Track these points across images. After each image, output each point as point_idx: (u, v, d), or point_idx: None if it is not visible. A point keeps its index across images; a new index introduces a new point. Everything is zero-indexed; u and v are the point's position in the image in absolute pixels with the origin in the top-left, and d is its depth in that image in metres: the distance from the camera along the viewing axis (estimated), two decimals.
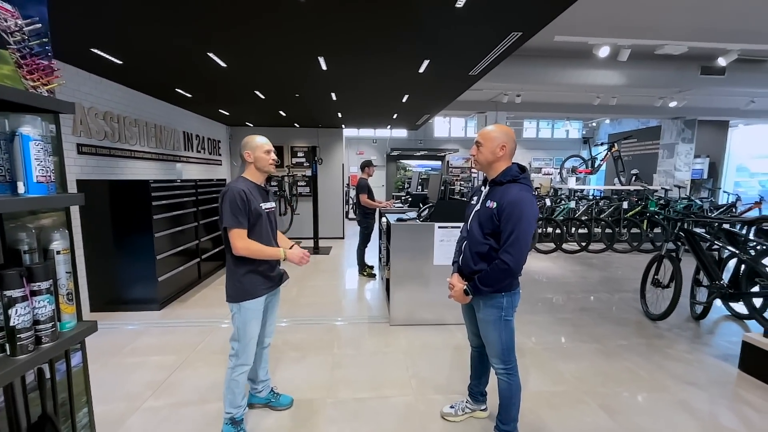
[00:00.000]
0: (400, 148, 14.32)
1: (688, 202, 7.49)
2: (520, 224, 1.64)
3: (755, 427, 2.11)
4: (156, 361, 2.80)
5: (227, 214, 1.81)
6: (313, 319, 3.62)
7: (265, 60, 3.41)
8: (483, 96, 7.23)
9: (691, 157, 9.19)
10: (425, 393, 2.43)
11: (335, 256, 6.47)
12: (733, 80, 5.27)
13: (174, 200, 4.11)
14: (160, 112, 5.11)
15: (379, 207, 4.93)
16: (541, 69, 4.89)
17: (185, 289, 4.37)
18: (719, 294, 3.26)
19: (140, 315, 3.70)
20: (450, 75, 3.87)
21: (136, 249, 3.73)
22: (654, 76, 5.11)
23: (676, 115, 8.67)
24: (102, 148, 3.99)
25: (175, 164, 5.47)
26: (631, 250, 6.84)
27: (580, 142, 14.90)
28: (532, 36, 2.79)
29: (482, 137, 1.79)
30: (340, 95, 4.83)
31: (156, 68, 3.70)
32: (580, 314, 3.80)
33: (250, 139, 1.94)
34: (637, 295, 4.06)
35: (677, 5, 3.61)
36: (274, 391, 2.29)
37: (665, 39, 4.08)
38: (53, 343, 1.10)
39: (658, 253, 3.74)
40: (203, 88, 4.51)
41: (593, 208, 6.97)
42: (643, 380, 2.59)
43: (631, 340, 3.20)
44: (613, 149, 8.39)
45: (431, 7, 2.35)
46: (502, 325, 1.80)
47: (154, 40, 2.92)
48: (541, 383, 2.52)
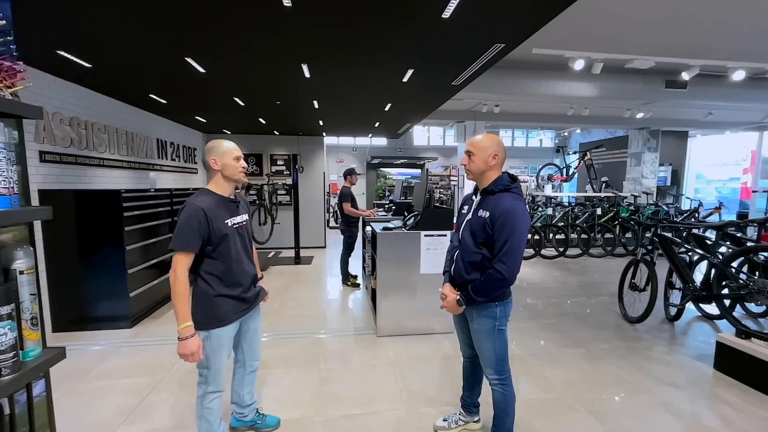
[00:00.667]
0: (380, 156, 14.36)
1: (656, 207, 7.86)
2: (514, 234, 1.64)
3: (735, 426, 2.18)
4: (127, 384, 2.61)
5: (176, 235, 1.59)
6: (297, 333, 3.50)
7: (246, 66, 3.33)
8: (463, 105, 7.37)
9: (657, 165, 9.71)
10: (417, 406, 2.37)
11: (317, 265, 6.34)
12: (694, 94, 5.62)
13: (147, 210, 3.90)
14: (132, 118, 4.88)
15: (363, 215, 4.88)
16: (519, 80, 5.04)
17: (159, 305, 4.14)
18: (692, 296, 3.40)
19: (109, 334, 3.46)
20: (433, 85, 3.91)
21: (106, 263, 3.49)
22: (623, 88, 5.38)
23: (642, 125, 9.16)
24: (67, 155, 3.75)
25: (149, 173, 5.22)
26: (605, 254, 7.09)
27: (553, 150, 15.46)
28: (515, 48, 2.85)
29: (473, 147, 1.79)
30: (323, 103, 4.78)
31: (129, 73, 3.53)
32: (563, 319, 3.87)
33: (217, 144, 1.72)
34: (614, 299, 4.19)
35: (646, 23, 3.83)
36: (260, 412, 2.16)
37: (634, 54, 4.32)
38: (15, 375, 0.98)
39: (634, 258, 3.87)
40: (179, 95, 4.34)
41: (569, 215, 7.19)
42: (627, 383, 2.65)
43: (613, 344, 3.28)
44: (585, 158, 8.74)
45: (418, 17, 2.36)
46: (496, 335, 1.78)
47: (128, 43, 2.79)
48: (531, 391, 2.52)
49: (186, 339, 1.59)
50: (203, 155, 1.76)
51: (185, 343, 1.59)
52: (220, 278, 1.72)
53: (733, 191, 12.23)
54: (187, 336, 1.59)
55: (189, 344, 1.59)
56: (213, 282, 1.71)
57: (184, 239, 1.60)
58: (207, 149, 1.74)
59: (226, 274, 1.73)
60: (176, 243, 1.60)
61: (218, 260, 1.71)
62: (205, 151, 1.75)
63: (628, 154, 10.04)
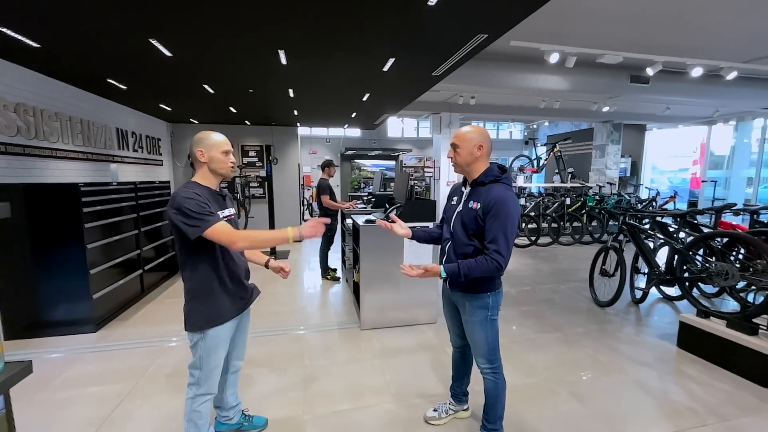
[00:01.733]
0: (354, 147, 14.19)
1: (619, 197, 8.32)
2: (507, 223, 1.64)
3: (700, 398, 2.36)
4: (96, 393, 2.43)
5: (190, 221, 1.47)
6: (279, 330, 3.40)
7: (218, 51, 3.12)
8: (439, 97, 7.39)
9: (619, 157, 10.25)
10: (406, 398, 2.38)
11: (294, 260, 6.19)
12: (656, 89, 5.94)
13: (110, 206, 3.62)
14: (87, 105, 4.48)
15: (342, 208, 4.80)
16: (497, 72, 5.10)
17: (126, 306, 3.88)
18: (658, 280, 3.62)
19: (71, 339, 3.20)
20: (414, 75, 3.86)
21: (65, 263, 3.21)
22: (593, 82, 5.59)
23: (606, 119, 9.61)
24: (14, 146, 3.39)
25: (109, 165, 4.84)
26: (574, 242, 7.43)
27: (522, 142, 15.93)
28: (497, 39, 2.86)
29: (458, 139, 1.77)
30: (299, 92, 4.61)
31: (84, 55, 3.21)
32: (539, 306, 4.02)
33: (205, 136, 1.64)
34: (585, 285, 4.39)
35: (616, 19, 3.97)
36: (246, 414, 2.08)
37: (605, 49, 4.48)
38: None
39: (604, 245, 4.07)
40: (142, 80, 4.03)
41: (540, 205, 7.45)
42: (603, 364, 2.79)
43: (587, 327, 3.44)
44: (555, 149, 9.07)
45: (404, 3, 2.30)
46: (489, 325, 1.79)
47: (84, 21, 2.52)
48: (515, 377, 2.60)
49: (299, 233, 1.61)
50: (190, 146, 1.66)
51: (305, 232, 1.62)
52: (216, 272, 1.64)
53: (683, 181, 13.18)
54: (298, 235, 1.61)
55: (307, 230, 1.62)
56: (209, 276, 1.63)
57: (202, 216, 1.49)
58: (195, 140, 1.65)
59: (222, 268, 1.66)
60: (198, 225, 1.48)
61: (214, 253, 1.63)
62: (193, 141, 1.65)
63: (593, 146, 10.53)
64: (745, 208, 4.07)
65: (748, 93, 6.54)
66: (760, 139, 10.06)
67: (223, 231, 1.51)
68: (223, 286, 1.67)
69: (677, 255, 3.44)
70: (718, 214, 3.74)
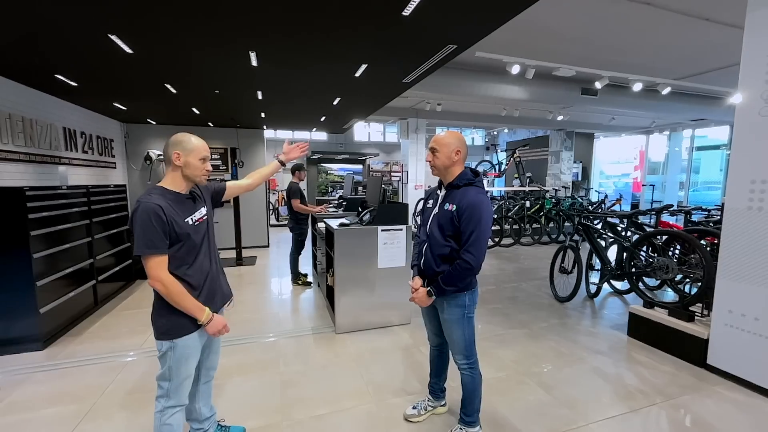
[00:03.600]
0: (320, 151, 14.05)
1: (572, 200, 8.94)
2: (479, 225, 1.74)
3: (648, 381, 2.61)
4: (51, 415, 2.23)
5: (139, 238, 1.44)
6: (251, 338, 3.31)
7: (181, 47, 2.99)
8: (407, 103, 7.56)
9: (572, 163, 11.02)
10: (384, 398, 2.41)
11: (262, 266, 6.03)
12: (603, 101, 6.51)
13: (59, 211, 3.34)
14: (29, 102, 4.10)
15: (313, 212, 4.76)
16: (463, 81, 5.34)
17: (78, 320, 3.58)
18: (610, 275, 3.95)
19: (15, 359, 2.91)
20: (385, 81, 3.94)
21: (7, 275, 2.92)
22: (549, 93, 6.02)
23: (560, 127, 10.33)
24: None
25: (57, 167, 4.46)
26: (533, 243, 7.87)
27: (484, 148, 16.63)
28: (465, 50, 3.01)
29: (437, 144, 1.86)
30: (268, 94, 4.53)
31: (30, 48, 2.96)
32: (506, 303, 4.23)
33: (184, 139, 1.58)
34: (546, 282, 4.69)
35: (569, 37, 4.33)
36: (222, 425, 2.01)
37: (560, 63, 4.86)
38: None
39: (563, 245, 4.37)
40: (96, 77, 3.76)
41: (502, 208, 7.83)
42: (565, 355, 3.00)
43: (550, 322, 3.67)
44: (515, 155, 9.58)
45: (379, 12, 2.36)
46: (465, 323, 1.89)
47: (36, 12, 2.33)
48: (487, 372, 2.69)
49: (209, 323, 1.60)
50: (165, 147, 1.58)
51: (211, 325, 1.61)
52: (186, 281, 1.56)
53: (626, 185, 14.43)
54: (209, 320, 1.60)
55: (215, 323, 1.62)
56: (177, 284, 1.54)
57: (148, 240, 1.44)
58: (172, 142, 1.57)
59: (192, 276, 1.58)
60: (141, 247, 1.44)
61: (183, 261, 1.56)
62: (169, 143, 1.57)
63: (549, 152, 11.24)
64: (680, 209, 4.56)
65: (679, 107, 7.35)
66: (689, 148, 11.27)
67: (154, 264, 1.46)
68: (193, 290, 1.59)
69: (626, 252, 3.78)
70: (659, 214, 4.16)
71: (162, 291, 1.48)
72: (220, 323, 1.63)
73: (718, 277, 2.66)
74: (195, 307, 1.55)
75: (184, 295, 1.52)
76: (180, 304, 1.52)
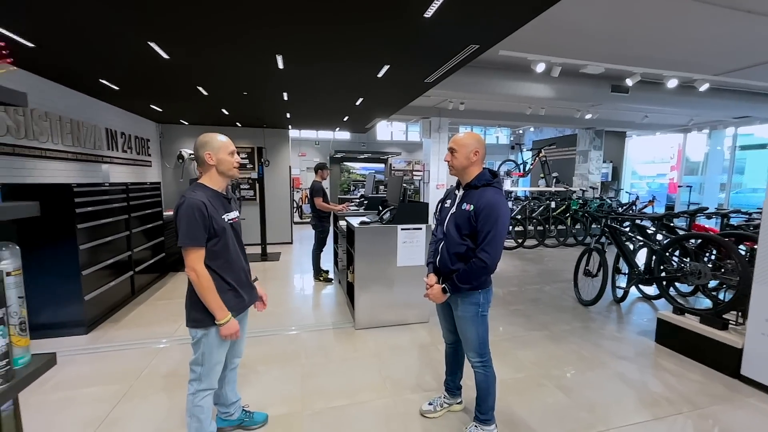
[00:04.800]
0: (343, 150, 14.24)
1: (601, 201, 8.63)
2: (497, 225, 1.76)
3: (675, 389, 2.52)
4: (92, 394, 2.43)
5: (183, 231, 1.58)
6: (275, 331, 3.44)
7: (216, 55, 3.16)
8: (429, 102, 7.54)
9: (601, 162, 10.62)
10: (401, 393, 2.46)
11: (285, 261, 6.21)
12: (635, 98, 6.24)
13: (102, 206, 3.60)
14: (76, 104, 4.43)
15: (335, 210, 4.87)
16: (486, 80, 5.28)
17: (117, 307, 3.85)
18: (637, 279, 3.82)
19: (62, 342, 3.17)
20: (407, 81, 3.98)
21: (56, 264, 3.18)
22: (576, 91, 5.83)
23: (589, 125, 9.96)
24: (4, 145, 3.35)
25: (100, 165, 4.79)
26: (558, 244, 7.67)
27: (509, 147, 16.29)
28: (487, 50, 3.00)
29: (456, 144, 1.88)
30: (293, 95, 4.67)
31: (80, 56, 3.21)
32: (527, 305, 4.17)
33: (211, 138, 1.69)
34: (570, 285, 4.58)
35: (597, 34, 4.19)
36: (246, 410, 2.13)
37: (588, 60, 4.71)
38: (7, 384, 0.91)
39: (588, 247, 4.26)
40: (136, 81, 4.02)
41: (526, 208, 7.68)
42: (586, 359, 2.94)
43: (572, 325, 3.60)
44: (540, 155, 9.35)
45: (401, 14, 2.41)
46: (479, 321, 1.91)
47: (84, 23, 2.54)
48: (505, 372, 2.71)
49: (225, 323, 1.66)
50: (196, 149, 1.70)
51: (226, 327, 1.67)
52: (220, 273, 1.69)
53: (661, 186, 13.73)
54: (226, 321, 1.67)
55: (230, 326, 1.68)
56: (213, 277, 1.67)
57: (192, 233, 1.58)
58: (201, 143, 1.69)
59: (226, 269, 1.71)
60: (184, 239, 1.58)
61: (218, 254, 1.68)
62: (198, 145, 1.69)
63: (577, 151, 10.88)
64: (716, 211, 4.33)
65: (719, 104, 6.92)
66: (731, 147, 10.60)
67: (193, 256, 1.59)
68: (227, 285, 1.72)
69: (654, 256, 3.64)
70: (692, 217, 3.97)
71: (194, 281, 1.60)
72: (233, 328, 1.69)
73: (754, 283, 2.53)
74: (217, 306, 1.63)
75: (211, 291, 1.62)
76: (205, 298, 1.62)
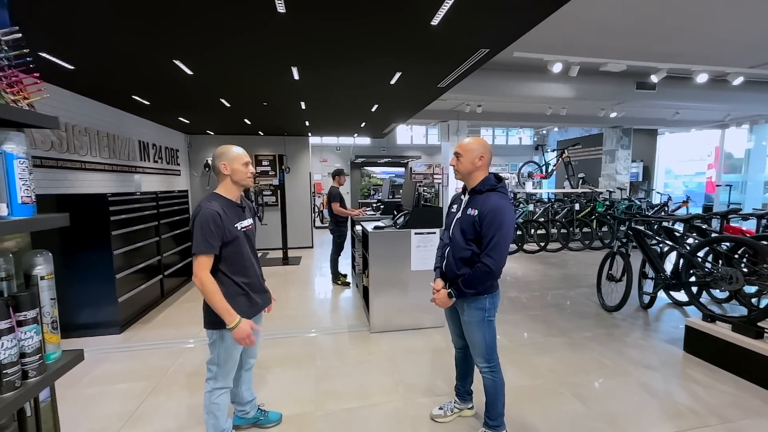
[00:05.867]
0: (363, 155, 14.42)
1: (629, 202, 8.27)
2: (501, 230, 1.76)
3: (703, 401, 2.39)
4: (123, 390, 2.60)
5: (197, 239, 1.65)
6: (291, 332, 3.54)
7: (236, 69, 3.34)
8: (447, 105, 7.53)
9: (629, 162, 10.18)
10: (413, 397, 2.48)
11: (306, 266, 6.36)
12: (662, 95, 5.97)
13: (134, 214, 3.84)
14: (112, 119, 4.77)
15: (352, 215, 4.95)
16: (501, 82, 5.23)
17: (148, 309, 4.09)
18: (664, 285, 3.65)
19: (98, 340, 3.40)
20: (420, 87, 4.01)
21: (93, 268, 3.43)
22: (598, 89, 5.66)
23: (615, 124, 9.60)
24: (48, 159, 3.65)
25: (132, 175, 5.12)
26: (583, 248, 7.41)
27: (532, 148, 15.92)
28: (498, 53, 2.99)
29: (461, 149, 1.90)
30: (310, 104, 4.82)
31: (112, 75, 3.47)
32: (547, 310, 4.07)
33: (226, 150, 1.77)
34: (593, 290, 4.42)
35: (618, 30, 4.06)
36: (262, 409, 2.21)
37: (608, 58, 4.57)
38: (40, 377, 1.02)
39: (611, 251, 4.11)
40: (164, 96, 4.28)
41: (549, 211, 7.48)
42: (608, 367, 2.84)
43: (594, 332, 3.48)
44: (563, 155, 9.09)
45: (407, 24, 2.46)
46: (486, 326, 1.90)
47: (115, 46, 2.76)
48: (520, 378, 2.67)
49: (236, 328, 1.67)
50: (213, 160, 1.81)
51: (237, 331, 1.67)
52: (233, 278, 1.78)
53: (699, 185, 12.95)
54: (236, 325, 1.67)
55: (240, 331, 1.68)
56: (227, 282, 1.76)
57: (206, 242, 1.66)
58: (217, 154, 1.79)
59: (240, 274, 1.80)
60: (199, 247, 1.66)
61: (232, 261, 1.77)
62: (214, 155, 1.79)
63: (603, 151, 10.49)
64: (752, 212, 4.07)
65: (758, 97, 6.49)
66: None
67: (201, 263, 1.66)
68: (241, 289, 1.81)
69: (682, 259, 3.46)
70: (724, 218, 3.75)
71: (199, 287, 1.67)
72: (245, 332, 1.68)
73: None
74: (224, 310, 1.66)
75: (216, 295, 1.66)
76: (212, 303, 1.66)
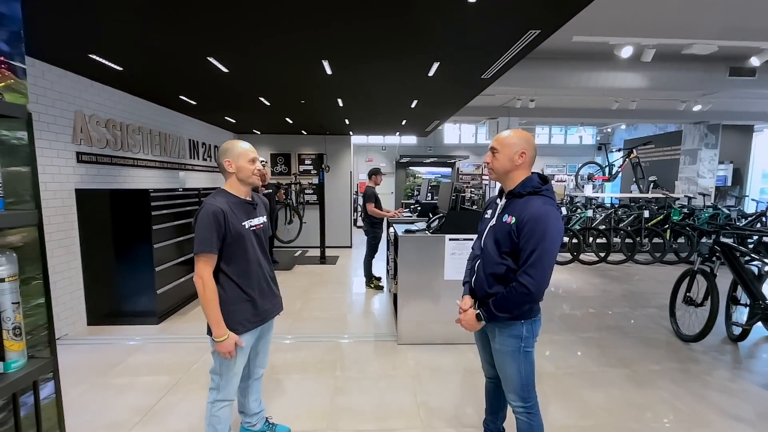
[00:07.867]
0: (409, 155, 14.16)
1: (714, 210, 7.08)
2: (543, 242, 1.42)
3: None
4: (146, 383, 2.63)
5: (196, 237, 1.56)
6: (317, 337, 3.41)
7: (265, 63, 3.27)
8: (495, 101, 7.01)
9: (716, 164, 8.77)
10: (435, 426, 2.19)
11: (342, 266, 6.28)
12: (763, 82, 4.94)
13: (175, 209, 3.99)
14: (164, 119, 5.04)
15: (387, 216, 4.74)
16: (557, 72, 4.65)
17: (185, 302, 4.23)
18: (763, 314, 2.94)
19: (138, 329, 3.56)
20: (461, 78, 3.67)
21: (136, 260, 3.60)
22: (679, 77, 4.81)
23: (699, 119, 8.30)
24: (103, 156, 3.91)
25: (179, 172, 5.38)
26: (653, 261, 6.47)
27: (595, 148, 14.51)
28: (551, 34, 2.58)
29: (498, 143, 1.58)
30: (347, 101, 4.68)
31: (157, 75, 3.60)
32: (604, 333, 3.51)
33: (232, 146, 1.66)
34: (664, 312, 3.75)
35: (707, 2, 3.36)
36: (269, 422, 2.08)
37: (693, 38, 3.82)
38: None
39: (690, 268, 3.43)
40: (207, 95, 4.41)
41: (612, 217, 6.64)
42: (683, 414, 2.30)
43: (664, 365, 2.90)
44: (631, 155, 8.05)
45: (441, 3, 2.17)
46: (522, 357, 1.56)
47: (152, 45, 2.81)
48: (565, 417, 2.26)
49: (221, 341, 1.60)
50: (218, 156, 1.70)
51: (220, 345, 1.60)
52: (237, 281, 1.66)
53: None
54: (223, 339, 1.60)
55: (224, 345, 1.60)
56: (230, 285, 1.65)
57: (206, 241, 1.56)
58: (222, 150, 1.67)
59: (243, 276, 1.67)
60: (199, 246, 1.56)
61: (233, 260, 1.65)
62: (219, 152, 1.69)
63: (682, 151, 9.16)
64: None
65: None
66: None
67: (202, 262, 1.56)
68: (246, 295, 1.68)
69: None
70: None
71: (199, 289, 1.57)
72: (226, 348, 1.60)
73: None
74: (215, 321, 1.58)
75: (212, 303, 1.57)
76: (206, 310, 1.58)
